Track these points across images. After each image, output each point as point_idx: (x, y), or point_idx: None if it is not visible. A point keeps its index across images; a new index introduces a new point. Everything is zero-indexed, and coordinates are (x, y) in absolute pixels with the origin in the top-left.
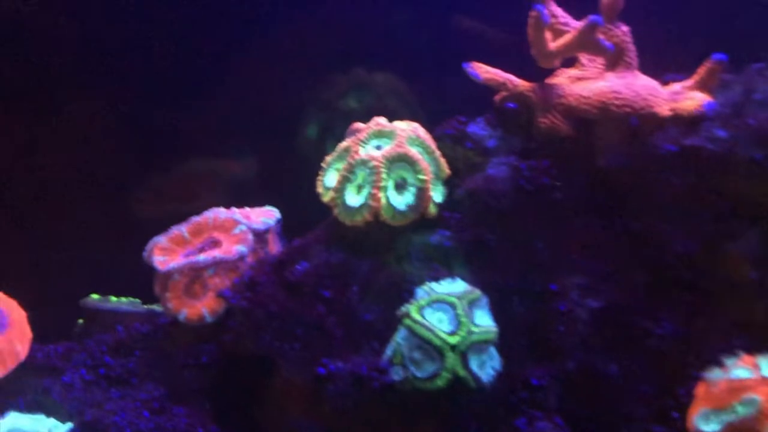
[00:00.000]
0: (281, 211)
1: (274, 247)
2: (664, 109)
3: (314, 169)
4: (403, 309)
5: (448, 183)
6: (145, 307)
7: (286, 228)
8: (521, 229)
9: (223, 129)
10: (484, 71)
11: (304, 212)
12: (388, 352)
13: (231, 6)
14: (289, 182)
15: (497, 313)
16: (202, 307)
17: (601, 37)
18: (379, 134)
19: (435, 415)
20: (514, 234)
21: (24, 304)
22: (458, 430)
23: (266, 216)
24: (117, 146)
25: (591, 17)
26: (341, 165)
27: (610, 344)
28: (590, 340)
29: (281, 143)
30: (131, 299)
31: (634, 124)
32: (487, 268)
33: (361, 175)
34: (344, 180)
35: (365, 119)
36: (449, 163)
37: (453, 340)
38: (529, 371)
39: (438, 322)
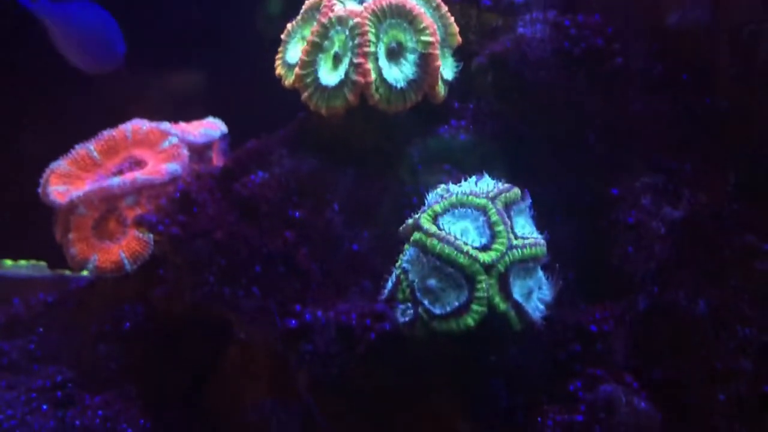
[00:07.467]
0: (231, 127)
1: None
2: None
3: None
4: (409, 221)
5: (459, 56)
6: (53, 272)
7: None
8: (566, 113)
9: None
10: None
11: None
12: (389, 285)
13: None
14: (241, 87)
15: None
16: (119, 250)
17: None
18: None
19: (459, 374)
20: (556, 120)
21: None
22: (488, 401)
23: (208, 127)
24: None
25: None
26: (309, 29)
27: (696, 271)
28: (670, 267)
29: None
30: (34, 262)
31: None
32: (520, 170)
33: (338, 39)
34: (314, 48)
35: None
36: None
37: (486, 257)
38: (584, 314)
39: (462, 234)
